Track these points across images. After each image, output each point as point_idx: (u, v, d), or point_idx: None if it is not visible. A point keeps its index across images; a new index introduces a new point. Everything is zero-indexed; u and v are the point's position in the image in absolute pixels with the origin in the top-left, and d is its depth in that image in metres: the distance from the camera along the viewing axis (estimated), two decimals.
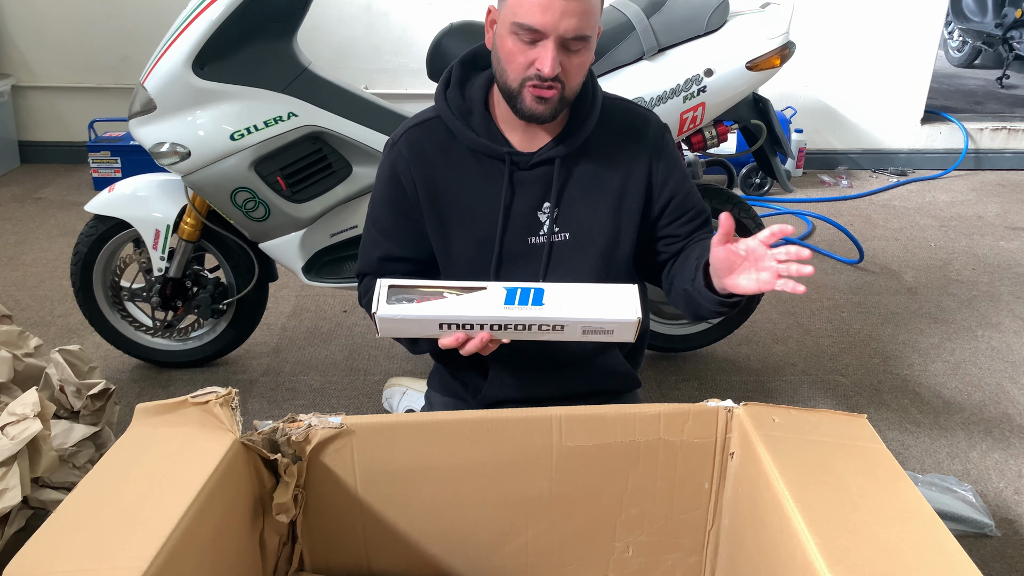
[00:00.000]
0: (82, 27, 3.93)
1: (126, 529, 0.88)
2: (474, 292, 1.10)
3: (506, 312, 1.08)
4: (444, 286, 1.11)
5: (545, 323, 1.09)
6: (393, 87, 4.02)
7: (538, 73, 1.16)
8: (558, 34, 1.13)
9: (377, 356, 2.35)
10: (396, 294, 1.09)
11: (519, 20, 1.14)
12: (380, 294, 1.09)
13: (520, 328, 1.11)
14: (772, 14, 1.97)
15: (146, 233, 2.01)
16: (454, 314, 1.09)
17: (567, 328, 1.10)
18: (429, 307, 1.08)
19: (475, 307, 1.09)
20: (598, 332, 1.11)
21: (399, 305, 1.08)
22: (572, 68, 1.18)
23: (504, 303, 1.09)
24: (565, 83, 1.18)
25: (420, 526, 1.17)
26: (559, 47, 1.15)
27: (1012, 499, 1.79)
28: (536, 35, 1.14)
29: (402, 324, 1.10)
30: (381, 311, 1.08)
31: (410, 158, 1.30)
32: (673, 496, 1.18)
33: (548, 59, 1.14)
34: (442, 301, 1.09)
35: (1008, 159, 4.38)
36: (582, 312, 1.09)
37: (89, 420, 1.60)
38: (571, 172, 1.31)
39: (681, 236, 1.37)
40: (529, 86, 1.18)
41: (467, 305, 1.09)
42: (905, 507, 0.94)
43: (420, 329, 1.12)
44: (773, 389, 2.22)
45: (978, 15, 6.08)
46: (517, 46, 1.16)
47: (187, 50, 1.79)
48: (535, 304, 1.09)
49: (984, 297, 2.80)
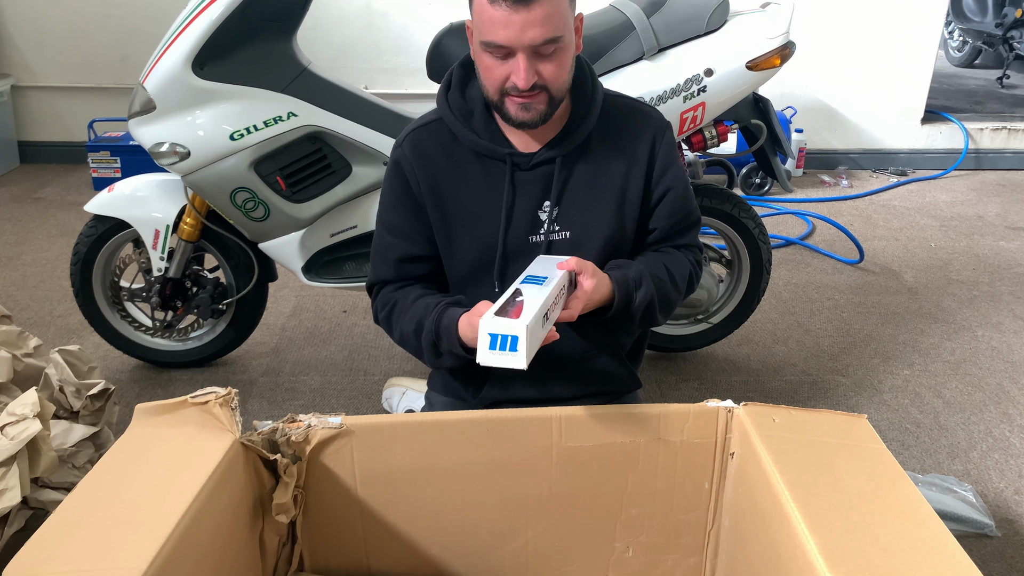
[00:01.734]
0: (82, 27, 3.93)
1: (126, 529, 0.88)
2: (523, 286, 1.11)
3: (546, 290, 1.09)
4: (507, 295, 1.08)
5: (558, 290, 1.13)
6: (393, 87, 4.02)
7: (515, 86, 1.17)
8: (524, 46, 1.14)
9: (377, 356, 2.35)
10: (504, 314, 1.03)
11: (485, 39, 1.15)
12: (498, 322, 1.01)
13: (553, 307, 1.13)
14: (772, 14, 1.97)
15: (146, 233, 2.01)
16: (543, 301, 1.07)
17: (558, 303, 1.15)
18: (532, 303, 1.05)
19: (541, 292, 1.08)
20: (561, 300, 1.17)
21: (523, 313, 1.02)
22: (549, 72, 1.18)
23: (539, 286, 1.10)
24: (548, 87, 1.19)
25: (420, 526, 1.17)
26: (531, 57, 1.15)
27: (1012, 499, 1.79)
28: (504, 51, 1.15)
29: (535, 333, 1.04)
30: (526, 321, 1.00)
31: (414, 159, 1.31)
32: (673, 496, 1.18)
33: (521, 73, 1.15)
34: (528, 299, 1.06)
35: (1008, 159, 4.38)
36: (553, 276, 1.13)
37: (89, 420, 1.60)
38: (572, 171, 1.31)
39: (661, 229, 1.37)
40: (510, 98, 1.19)
41: (539, 294, 1.08)
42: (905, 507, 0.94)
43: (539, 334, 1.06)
44: (773, 389, 2.22)
45: (978, 15, 6.08)
46: (491, 62, 1.18)
47: (187, 50, 1.79)
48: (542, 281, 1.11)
49: (984, 297, 2.80)
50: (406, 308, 1.31)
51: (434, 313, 1.24)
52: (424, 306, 1.28)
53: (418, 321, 1.27)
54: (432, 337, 1.25)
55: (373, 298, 1.41)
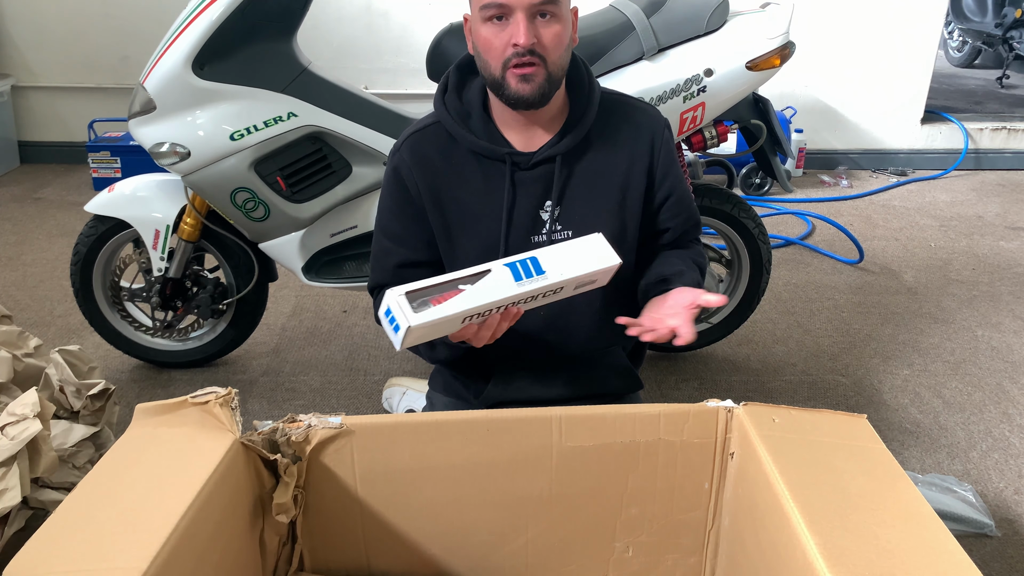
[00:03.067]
0: (82, 27, 3.93)
1: (126, 529, 0.88)
2: (483, 277, 1.11)
3: (519, 288, 1.10)
4: (451, 279, 1.10)
5: (549, 290, 1.13)
6: (393, 87, 4.02)
7: (516, 50, 1.17)
8: (524, 4, 1.15)
9: (377, 356, 2.35)
10: (415, 300, 1.06)
11: (485, 1, 1.16)
12: (401, 305, 1.05)
13: (528, 300, 1.14)
14: (772, 14, 1.97)
15: (146, 233, 2.01)
16: (476, 304, 1.08)
17: (564, 288, 1.15)
18: (452, 304, 1.07)
19: (492, 292, 1.09)
20: (585, 284, 1.17)
21: (425, 311, 1.05)
22: (548, 39, 1.18)
23: (514, 280, 1.10)
24: (546, 57, 1.19)
25: (420, 526, 1.17)
26: (530, 18, 1.16)
27: (1012, 499, 1.79)
28: (504, 10, 1.16)
29: (428, 330, 1.07)
30: (414, 321, 1.03)
31: (412, 163, 1.31)
32: (673, 496, 1.18)
33: (521, 30, 1.16)
34: (461, 295, 1.08)
35: (1008, 159, 4.38)
36: (575, 270, 1.13)
37: (89, 420, 1.60)
38: (572, 169, 1.31)
39: (674, 230, 1.39)
40: (511, 68, 1.18)
41: (484, 292, 1.09)
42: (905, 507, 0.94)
43: (443, 328, 1.10)
44: (773, 389, 2.22)
45: (978, 15, 6.08)
46: (491, 31, 1.18)
47: (187, 50, 1.79)
48: (538, 274, 1.12)
49: (984, 297, 2.80)
50: None
51: None
52: None
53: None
54: None
55: (374, 299, 1.42)
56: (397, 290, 1.06)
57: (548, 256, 1.14)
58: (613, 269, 1.16)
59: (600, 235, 1.17)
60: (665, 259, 1.38)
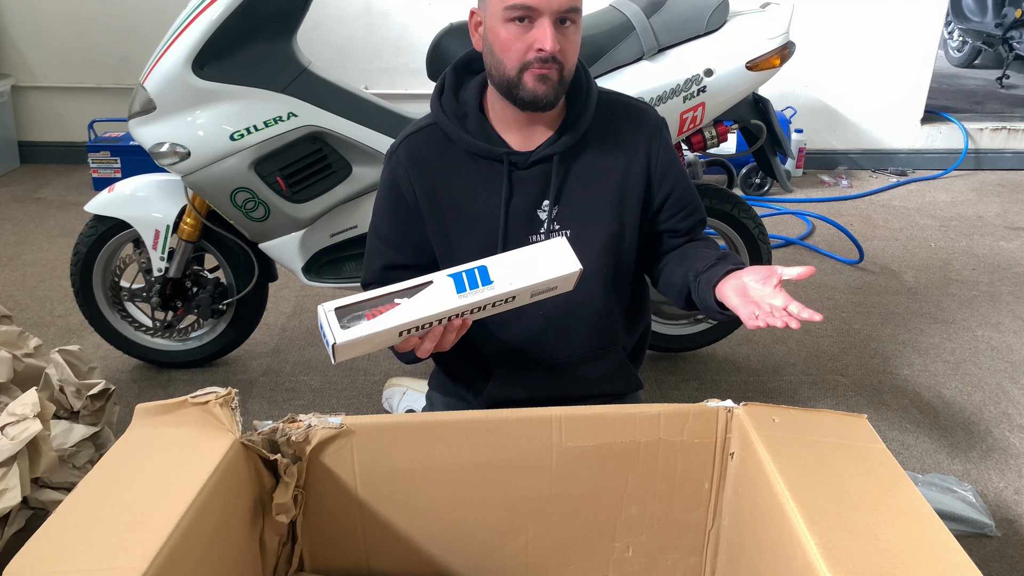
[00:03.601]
0: (82, 27, 3.93)
1: (126, 529, 0.88)
2: (423, 289, 1.07)
3: (460, 301, 1.07)
4: (388, 292, 1.06)
5: (499, 299, 1.10)
6: (393, 87, 4.02)
7: (538, 55, 1.17)
8: (552, 9, 1.15)
9: (377, 356, 2.35)
10: (345, 316, 1.03)
11: (512, 2, 1.15)
12: (329, 321, 1.01)
13: (476, 311, 1.11)
14: (772, 14, 1.97)
15: (146, 233, 2.01)
16: (411, 319, 1.05)
17: (518, 297, 1.12)
18: (385, 319, 1.04)
19: (430, 305, 1.06)
20: (544, 292, 1.14)
21: (354, 327, 1.02)
22: (568, 46, 1.19)
23: (456, 292, 1.07)
24: (563, 63, 1.19)
25: (420, 526, 1.17)
26: (554, 24, 1.16)
27: (1012, 499, 1.79)
28: (530, 13, 1.15)
29: (361, 344, 1.04)
30: (340, 338, 1.00)
31: (409, 165, 1.31)
32: (673, 496, 1.18)
33: (548, 36, 1.15)
34: (396, 309, 1.05)
35: (1008, 159, 4.38)
36: (529, 279, 1.09)
37: (89, 420, 1.60)
38: (570, 168, 1.31)
39: (682, 231, 1.39)
40: (531, 69, 1.18)
41: (421, 306, 1.06)
42: (905, 507, 0.94)
43: (379, 341, 1.07)
44: (773, 389, 2.22)
45: (978, 15, 6.08)
46: (512, 32, 1.17)
47: (187, 50, 1.79)
48: (484, 284, 1.08)
49: (984, 297, 2.80)
50: None
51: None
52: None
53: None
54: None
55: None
56: (328, 305, 1.03)
57: (499, 264, 1.10)
58: (574, 276, 1.12)
59: (563, 239, 1.13)
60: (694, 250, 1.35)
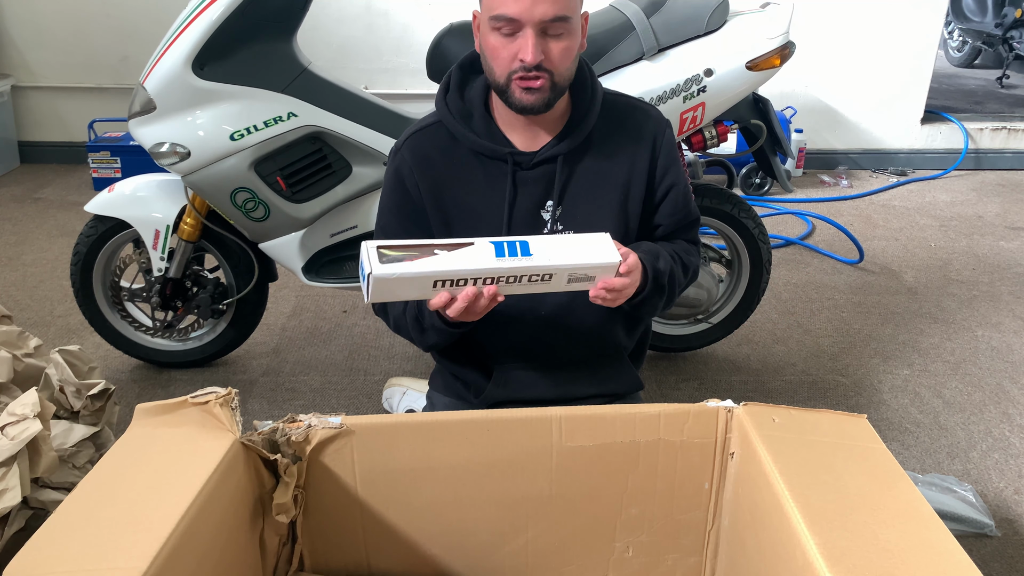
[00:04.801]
0: (82, 27, 3.93)
1: (126, 529, 0.88)
2: (463, 248, 1.11)
3: (498, 264, 1.09)
4: (431, 243, 1.11)
5: (535, 272, 1.11)
6: (393, 87, 4.02)
7: (522, 64, 1.16)
8: (535, 20, 1.14)
9: (377, 356, 2.35)
10: (386, 255, 1.08)
11: (495, 12, 1.15)
12: (369, 256, 1.06)
13: (511, 280, 1.12)
14: (772, 14, 1.97)
15: (146, 233, 2.01)
16: (448, 269, 1.08)
17: (555, 277, 1.13)
18: (423, 264, 1.07)
19: (467, 261, 1.09)
20: (581, 279, 1.15)
21: (393, 264, 1.06)
22: (556, 54, 1.18)
23: (495, 256, 1.10)
24: (552, 71, 1.19)
25: (420, 526, 1.17)
26: (539, 34, 1.16)
27: (1012, 499, 1.79)
28: (514, 25, 1.15)
29: (397, 284, 1.07)
30: (376, 271, 1.05)
31: (413, 163, 1.31)
32: (673, 496, 1.18)
33: (529, 47, 1.15)
34: (434, 258, 1.09)
35: (1008, 159, 4.38)
36: (568, 259, 1.12)
37: (89, 420, 1.60)
38: (574, 169, 1.31)
39: (668, 227, 1.39)
40: (516, 79, 1.18)
41: (459, 260, 1.09)
42: (905, 507, 0.94)
43: (413, 289, 1.10)
44: (773, 389, 2.22)
45: (978, 15, 6.08)
46: (499, 40, 1.18)
47: (187, 50, 1.79)
48: (524, 255, 1.11)
49: (984, 297, 2.80)
50: None
51: None
52: None
53: (405, 301, 1.28)
54: (415, 312, 1.27)
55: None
56: (372, 243, 1.08)
57: (541, 242, 1.13)
58: (612, 268, 1.14)
59: (607, 235, 1.16)
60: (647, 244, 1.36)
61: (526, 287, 1.14)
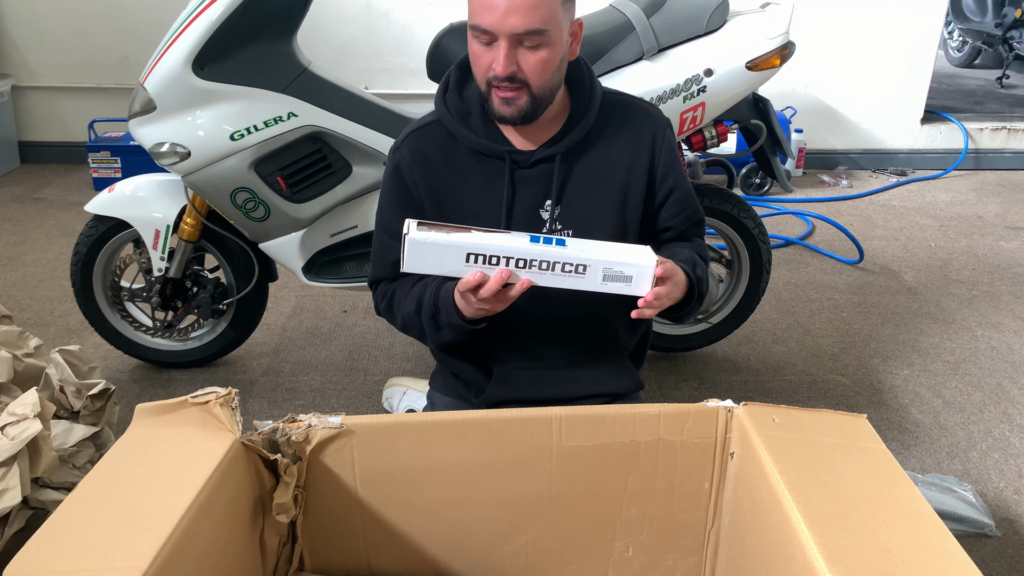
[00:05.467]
0: (82, 27, 3.93)
1: (126, 529, 0.88)
2: (498, 232, 1.14)
3: (532, 247, 1.12)
4: (469, 227, 1.14)
5: (569, 262, 1.12)
6: (393, 87, 4.02)
7: (495, 75, 1.17)
8: (506, 32, 1.14)
9: (377, 356, 2.35)
10: (424, 227, 1.12)
11: (472, 22, 1.17)
12: (410, 225, 1.11)
13: (544, 267, 1.13)
14: (772, 14, 1.97)
15: (146, 233, 2.01)
16: (483, 243, 1.11)
17: (589, 271, 1.13)
18: (459, 236, 1.11)
19: (502, 241, 1.12)
20: (618, 279, 1.15)
21: (429, 232, 1.10)
22: (530, 66, 1.18)
23: (530, 242, 1.13)
24: (529, 82, 1.19)
25: (420, 526, 1.17)
26: (512, 45, 1.16)
27: (1012, 499, 1.79)
28: (489, 36, 1.16)
29: (431, 250, 1.11)
30: (412, 235, 1.09)
31: (412, 162, 1.31)
32: (673, 496, 1.18)
33: (500, 59, 1.16)
34: (470, 234, 1.12)
35: (1008, 159, 4.38)
36: (604, 255, 1.13)
37: (89, 420, 1.60)
38: (572, 168, 1.31)
39: (675, 228, 1.39)
40: (494, 88, 1.20)
41: (494, 239, 1.12)
42: (905, 507, 0.94)
43: (447, 259, 1.12)
44: (773, 389, 2.22)
45: (978, 15, 6.08)
46: (479, 48, 1.19)
47: (187, 50, 1.79)
48: (559, 245, 1.13)
49: (984, 297, 2.80)
50: (406, 292, 1.33)
51: (432, 288, 1.26)
52: (423, 285, 1.30)
53: (418, 300, 1.29)
54: (431, 310, 1.27)
55: (374, 292, 1.42)
56: (413, 221, 1.13)
57: (578, 240, 1.15)
58: (649, 270, 1.13)
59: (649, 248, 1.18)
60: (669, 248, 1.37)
61: (559, 279, 1.14)
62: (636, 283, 1.15)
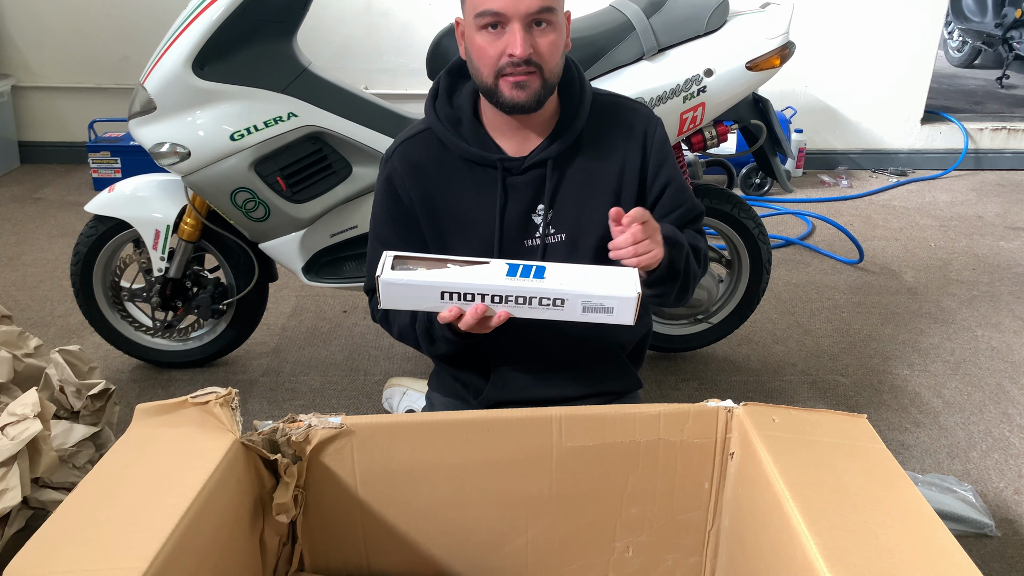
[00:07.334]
0: (82, 27, 3.93)
1: (126, 529, 0.88)
2: (476, 265, 1.13)
3: (507, 283, 1.10)
4: (447, 259, 1.13)
5: (546, 296, 1.10)
6: (393, 87, 4.02)
7: (511, 59, 1.16)
8: (520, 14, 1.14)
9: (377, 356, 2.35)
10: (400, 263, 1.12)
11: (481, 8, 1.15)
12: (384, 263, 1.11)
13: (520, 302, 1.11)
14: (772, 14, 1.97)
15: (146, 233, 2.01)
16: (456, 282, 1.10)
17: (567, 304, 1.11)
18: (432, 274, 1.10)
19: (477, 277, 1.11)
20: (598, 310, 1.12)
21: (403, 272, 1.10)
22: (544, 48, 1.18)
23: (506, 275, 1.11)
24: (542, 65, 1.18)
25: (420, 526, 1.17)
26: (526, 28, 1.15)
27: (1012, 499, 1.79)
28: (500, 18, 1.15)
29: (405, 290, 1.11)
30: (385, 276, 1.09)
31: (404, 171, 1.31)
32: (673, 496, 1.18)
33: (517, 41, 1.15)
34: (445, 270, 1.11)
35: (1008, 159, 4.38)
36: (583, 287, 1.10)
37: (89, 420, 1.60)
38: (564, 172, 1.31)
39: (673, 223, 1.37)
40: (505, 76, 1.18)
41: (469, 275, 1.11)
42: (905, 507, 0.94)
43: (422, 298, 1.12)
44: (773, 389, 2.22)
45: (978, 15, 6.08)
46: (485, 39, 1.17)
47: (187, 50, 1.79)
48: (536, 278, 1.11)
49: (984, 297, 2.80)
50: None
51: None
52: None
53: (412, 312, 1.28)
54: (425, 324, 1.27)
55: (370, 300, 1.42)
56: (390, 252, 1.12)
57: (559, 269, 1.12)
58: (631, 302, 1.10)
59: (635, 270, 1.14)
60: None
61: (538, 311, 1.12)
62: (618, 313, 1.12)
